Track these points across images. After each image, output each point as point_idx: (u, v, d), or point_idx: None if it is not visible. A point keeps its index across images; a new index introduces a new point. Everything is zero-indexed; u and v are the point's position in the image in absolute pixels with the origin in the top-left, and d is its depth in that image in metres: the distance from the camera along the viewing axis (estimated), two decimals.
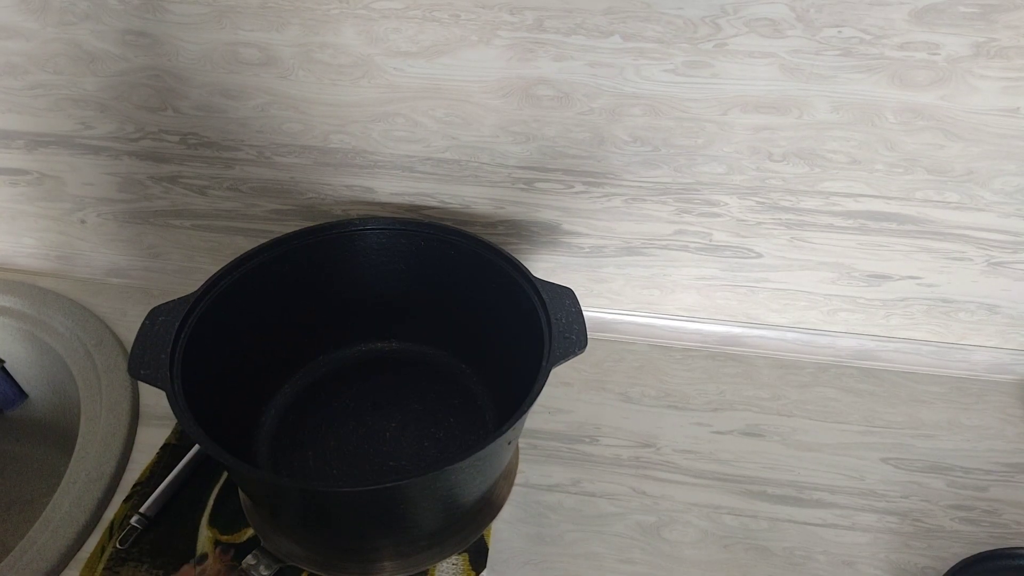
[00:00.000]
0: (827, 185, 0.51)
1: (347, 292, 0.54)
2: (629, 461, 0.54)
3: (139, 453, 0.53)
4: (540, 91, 0.49)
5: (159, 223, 0.64)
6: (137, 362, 0.40)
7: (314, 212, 0.60)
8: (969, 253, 0.54)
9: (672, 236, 0.57)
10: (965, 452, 0.56)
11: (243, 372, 0.49)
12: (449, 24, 0.46)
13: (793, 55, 0.45)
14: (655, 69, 0.46)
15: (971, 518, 0.51)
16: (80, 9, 0.49)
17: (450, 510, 0.44)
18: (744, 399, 0.59)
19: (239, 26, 0.48)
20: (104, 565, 0.46)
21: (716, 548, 0.49)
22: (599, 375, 0.61)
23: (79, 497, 0.49)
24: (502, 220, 0.58)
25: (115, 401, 0.55)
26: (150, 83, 0.53)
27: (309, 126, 0.54)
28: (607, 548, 0.49)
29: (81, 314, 0.63)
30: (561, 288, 0.47)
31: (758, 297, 0.61)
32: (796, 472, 0.54)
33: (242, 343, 0.48)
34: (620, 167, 0.53)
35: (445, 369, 0.57)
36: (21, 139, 0.58)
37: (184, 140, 0.56)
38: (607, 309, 0.64)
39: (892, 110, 0.46)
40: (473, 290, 0.51)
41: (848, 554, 0.49)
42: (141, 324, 0.42)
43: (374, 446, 0.51)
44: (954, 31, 0.42)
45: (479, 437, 0.52)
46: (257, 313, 0.49)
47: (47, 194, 0.63)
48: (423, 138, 0.53)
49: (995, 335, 0.60)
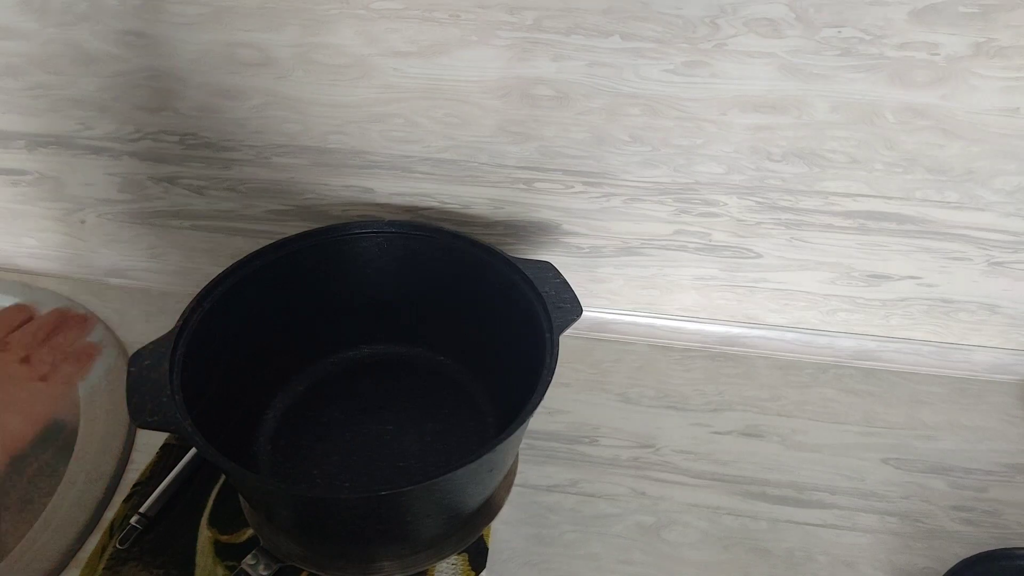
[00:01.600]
0: (826, 185, 0.51)
1: (342, 296, 0.54)
2: (628, 462, 0.54)
3: (139, 453, 0.53)
4: (539, 91, 0.49)
5: (158, 223, 0.64)
6: (139, 411, 0.38)
7: (312, 212, 0.60)
8: (969, 253, 0.54)
9: (671, 236, 0.57)
10: (966, 453, 0.56)
11: (240, 385, 0.49)
12: (447, 24, 0.46)
13: (792, 55, 0.45)
14: (654, 69, 0.46)
15: (972, 519, 0.51)
16: (79, 10, 0.49)
17: (452, 513, 0.44)
18: (743, 399, 0.59)
19: (237, 27, 0.48)
20: (104, 565, 0.46)
21: (716, 549, 0.49)
22: (598, 375, 0.61)
23: (79, 497, 0.49)
24: (501, 220, 0.58)
25: (114, 401, 0.55)
26: (149, 84, 0.53)
27: (307, 126, 0.54)
28: (606, 549, 0.49)
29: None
30: (539, 263, 0.47)
31: (757, 297, 0.61)
32: (796, 473, 0.54)
33: (236, 357, 0.48)
34: (619, 167, 0.52)
35: (444, 369, 0.57)
36: (21, 139, 0.59)
37: (183, 140, 0.56)
38: (606, 309, 0.64)
39: (891, 110, 0.46)
40: (470, 290, 0.51)
41: (848, 555, 0.49)
42: (127, 372, 0.40)
43: (376, 448, 0.51)
44: (954, 31, 0.42)
45: (481, 439, 0.51)
46: (249, 325, 0.48)
47: (47, 194, 0.63)
48: (421, 138, 0.53)
49: (996, 335, 0.60)
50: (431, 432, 0.52)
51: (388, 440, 0.52)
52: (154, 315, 0.65)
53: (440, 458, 0.50)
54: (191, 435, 0.37)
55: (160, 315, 0.65)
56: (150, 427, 0.38)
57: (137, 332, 0.62)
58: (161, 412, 0.38)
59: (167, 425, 0.38)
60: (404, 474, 0.49)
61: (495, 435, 0.46)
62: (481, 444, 0.37)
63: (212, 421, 0.40)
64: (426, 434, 0.52)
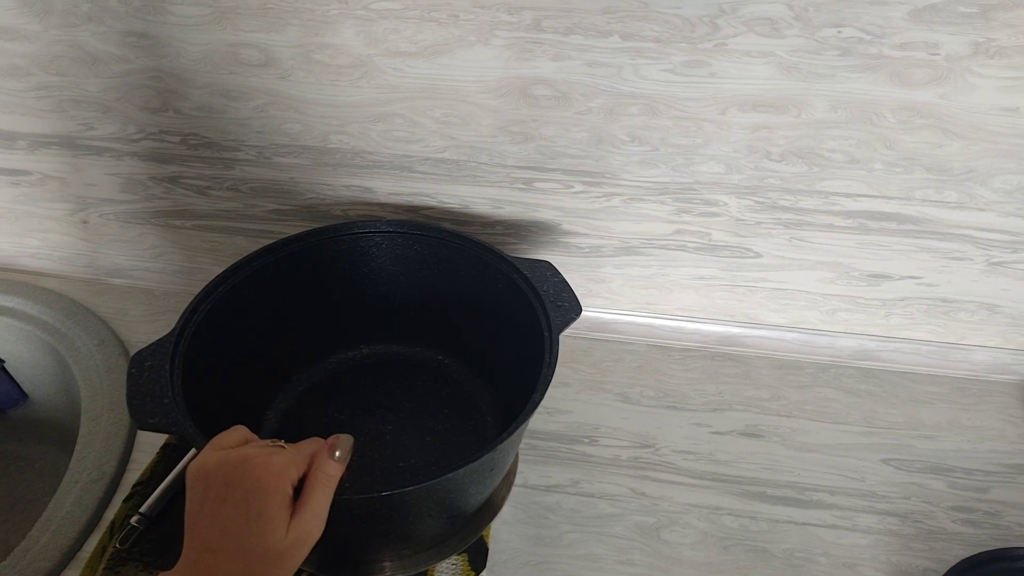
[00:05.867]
0: (826, 184, 0.51)
1: (343, 296, 0.54)
2: (628, 462, 0.54)
3: (140, 453, 0.53)
4: (538, 91, 0.49)
5: (160, 223, 0.64)
6: (140, 413, 0.39)
7: (313, 212, 0.60)
8: (969, 252, 0.54)
9: (671, 236, 0.57)
10: (966, 453, 0.56)
11: (240, 385, 0.49)
12: (447, 24, 0.46)
13: (792, 54, 0.45)
14: (653, 68, 0.46)
15: (972, 519, 0.51)
16: (82, 11, 0.49)
17: (453, 513, 0.44)
18: (743, 399, 0.59)
19: (239, 27, 0.48)
20: (105, 565, 0.46)
21: (716, 549, 0.49)
22: (598, 375, 0.61)
23: (80, 497, 0.49)
24: (501, 220, 0.58)
25: (116, 401, 0.55)
26: (151, 84, 0.53)
27: (308, 126, 0.54)
28: (606, 549, 0.49)
29: (83, 314, 0.63)
30: (538, 262, 0.47)
31: (757, 297, 0.61)
32: (796, 473, 0.54)
33: (237, 357, 0.48)
34: (618, 167, 0.53)
35: (444, 369, 0.57)
36: (24, 140, 0.59)
37: (185, 141, 0.56)
38: (606, 309, 0.64)
39: (891, 109, 0.46)
40: (470, 290, 0.51)
41: (848, 556, 0.49)
42: (128, 374, 0.40)
43: (376, 448, 0.51)
44: (953, 30, 0.42)
45: (481, 439, 0.51)
46: (250, 325, 0.48)
47: (49, 195, 0.63)
48: (422, 138, 0.53)
49: (995, 335, 0.60)
50: (431, 432, 0.52)
51: (388, 440, 0.52)
52: (156, 315, 0.65)
53: (440, 458, 0.50)
54: (193, 437, 0.37)
55: (162, 315, 0.65)
56: (151, 429, 0.38)
57: (139, 332, 0.63)
58: (162, 414, 0.38)
59: (168, 427, 0.38)
60: (405, 474, 0.49)
61: (495, 435, 0.46)
62: (481, 444, 0.38)
63: (213, 422, 0.40)
64: (426, 434, 0.52)
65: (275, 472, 0.31)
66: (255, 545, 0.30)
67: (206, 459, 0.32)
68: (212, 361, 0.45)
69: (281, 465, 0.31)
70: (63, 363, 0.60)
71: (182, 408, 0.39)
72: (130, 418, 0.38)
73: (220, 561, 0.30)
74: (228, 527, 0.30)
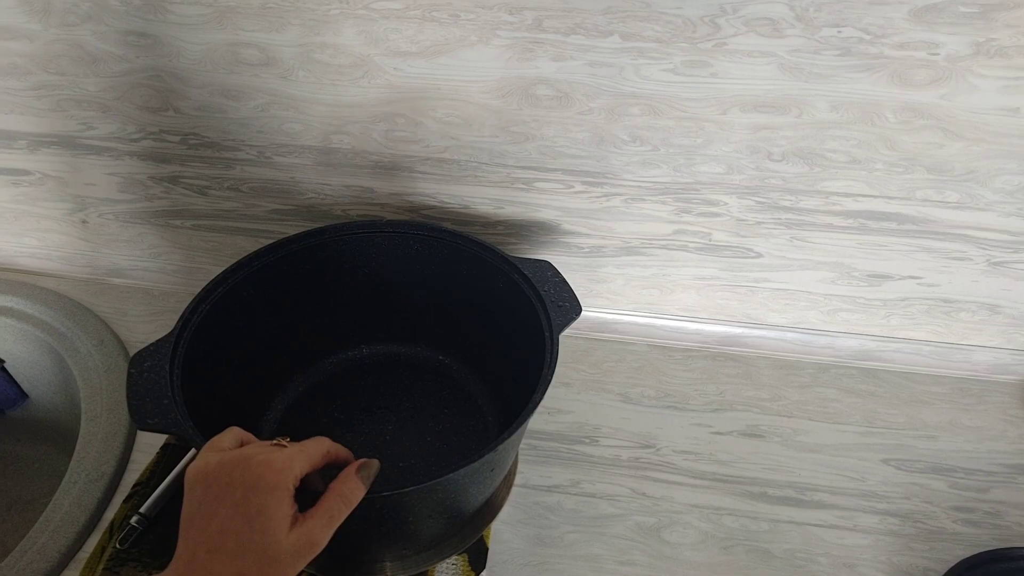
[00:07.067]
0: (827, 184, 0.51)
1: (343, 296, 0.54)
2: (629, 462, 0.54)
3: (139, 453, 0.53)
4: (539, 91, 0.49)
5: (160, 223, 0.64)
6: (140, 414, 0.38)
7: (314, 212, 0.60)
8: (970, 253, 0.54)
9: (671, 236, 0.57)
10: (966, 453, 0.56)
11: (240, 385, 0.49)
12: (448, 24, 0.46)
13: (792, 54, 0.45)
14: (654, 69, 0.46)
15: (973, 520, 0.51)
16: (82, 10, 0.49)
17: (453, 513, 0.44)
18: (744, 400, 0.59)
19: (240, 27, 0.48)
20: (104, 565, 0.46)
21: (716, 550, 0.49)
22: (598, 375, 0.61)
23: (79, 497, 0.49)
24: (501, 220, 0.58)
25: (115, 401, 0.55)
26: (151, 84, 0.53)
27: (309, 126, 0.54)
28: (607, 549, 0.49)
29: (82, 314, 0.63)
30: (538, 262, 0.47)
31: (758, 297, 0.61)
32: (796, 473, 0.54)
33: (237, 357, 0.48)
34: (619, 167, 0.53)
35: (444, 369, 0.57)
36: (23, 139, 0.59)
37: (185, 140, 0.56)
38: (607, 309, 0.64)
39: (892, 109, 0.46)
40: (470, 290, 0.51)
41: (849, 556, 0.49)
42: (128, 375, 0.40)
43: (377, 448, 0.51)
44: (954, 30, 0.42)
45: (481, 439, 0.51)
46: (249, 325, 0.48)
47: (49, 194, 0.63)
48: (422, 138, 0.53)
49: (996, 335, 0.60)
50: (431, 432, 0.52)
51: (388, 440, 0.52)
52: (156, 315, 0.65)
53: (440, 458, 0.50)
54: (193, 437, 0.37)
55: (162, 315, 0.65)
56: (151, 429, 0.38)
57: (139, 332, 0.63)
58: (162, 414, 0.38)
59: (168, 427, 0.38)
60: (405, 474, 0.49)
61: (495, 435, 0.46)
62: (481, 444, 0.37)
63: (213, 422, 0.40)
64: (426, 434, 0.52)
65: (277, 469, 0.30)
66: (255, 544, 0.29)
67: (205, 461, 0.31)
68: (212, 361, 0.45)
69: (283, 462, 0.31)
70: (62, 363, 0.60)
71: (182, 408, 0.39)
72: (130, 418, 0.38)
73: (217, 560, 0.29)
74: (227, 526, 0.29)
